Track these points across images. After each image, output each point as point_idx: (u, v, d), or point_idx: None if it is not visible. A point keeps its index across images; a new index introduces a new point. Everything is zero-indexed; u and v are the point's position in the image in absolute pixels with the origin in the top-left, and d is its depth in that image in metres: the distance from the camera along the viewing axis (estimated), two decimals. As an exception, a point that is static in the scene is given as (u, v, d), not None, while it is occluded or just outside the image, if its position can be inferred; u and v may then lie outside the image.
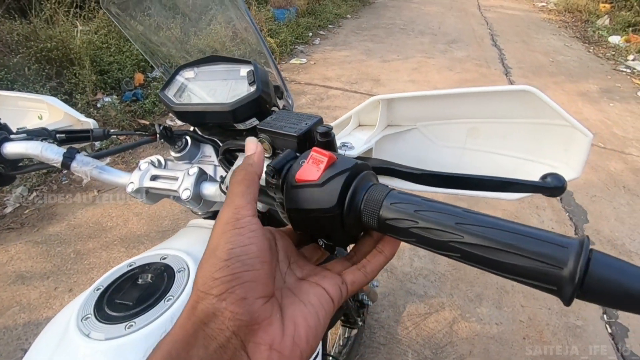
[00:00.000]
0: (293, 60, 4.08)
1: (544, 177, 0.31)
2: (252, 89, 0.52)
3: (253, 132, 0.57)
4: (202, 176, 0.48)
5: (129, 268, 0.46)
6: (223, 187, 0.43)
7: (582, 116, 3.50)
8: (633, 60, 5.11)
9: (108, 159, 0.56)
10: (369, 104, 0.46)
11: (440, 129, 0.43)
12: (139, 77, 3.24)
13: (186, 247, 0.49)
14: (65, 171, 0.50)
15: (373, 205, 0.26)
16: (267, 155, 0.36)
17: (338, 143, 0.46)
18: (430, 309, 1.63)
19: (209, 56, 0.58)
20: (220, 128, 0.58)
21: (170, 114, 2.71)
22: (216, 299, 0.22)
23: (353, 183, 0.27)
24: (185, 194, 0.45)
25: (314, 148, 0.28)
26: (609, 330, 1.61)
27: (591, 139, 0.35)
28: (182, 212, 2.04)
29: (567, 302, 0.20)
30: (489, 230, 0.22)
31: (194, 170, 0.47)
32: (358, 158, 0.34)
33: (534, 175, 0.33)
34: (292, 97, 0.58)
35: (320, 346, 0.53)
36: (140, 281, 0.44)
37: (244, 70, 0.54)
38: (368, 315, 1.52)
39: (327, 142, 0.31)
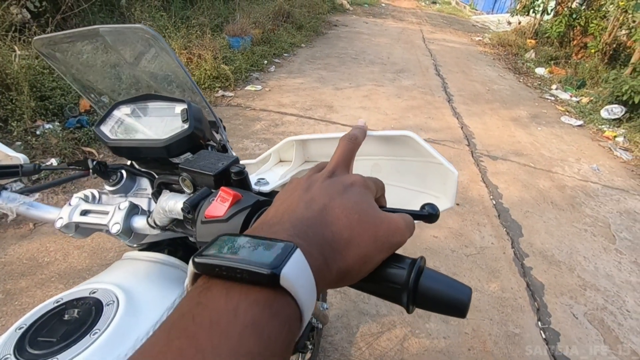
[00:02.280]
0: (248, 87, 4.14)
1: (423, 206, 0.37)
2: (186, 125, 0.55)
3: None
4: (133, 210, 0.49)
5: (56, 304, 0.46)
6: (150, 221, 0.45)
7: (515, 139, 3.87)
8: (556, 89, 5.78)
9: (37, 195, 0.54)
10: (285, 143, 0.51)
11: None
12: (85, 104, 3.12)
13: (117, 280, 0.50)
14: None
15: None
16: (189, 190, 0.39)
17: (255, 179, 0.50)
18: (382, 328, 1.67)
19: (145, 94, 0.61)
20: (156, 162, 0.61)
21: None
22: None
23: (254, 218, 0.31)
24: (114, 228, 0.47)
25: (222, 188, 0.32)
26: (543, 336, 1.75)
27: (457, 175, 0.42)
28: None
29: (408, 311, 0.25)
30: None
31: (125, 204, 0.48)
32: (271, 192, 0.39)
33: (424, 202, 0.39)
34: (225, 132, 0.62)
35: None
36: (66, 317, 0.44)
37: (179, 108, 0.58)
38: (322, 338, 1.54)
39: (240, 180, 0.36)
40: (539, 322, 1.82)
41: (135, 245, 0.58)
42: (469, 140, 3.68)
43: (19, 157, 0.60)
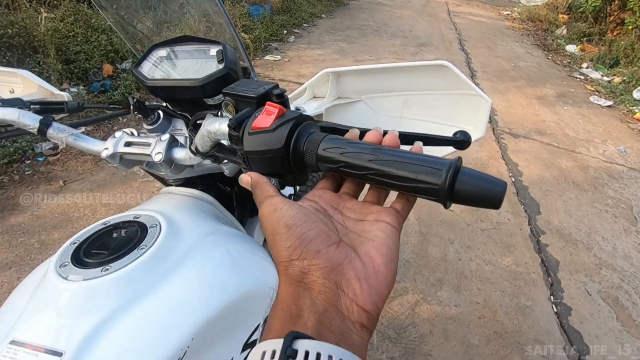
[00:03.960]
0: (267, 57, 4.10)
1: (455, 133, 0.38)
2: (221, 66, 0.57)
3: (221, 107, 0.62)
4: (173, 142, 0.52)
5: (104, 226, 0.50)
6: (192, 147, 0.47)
7: (539, 117, 3.75)
8: (587, 68, 5.51)
9: (83, 128, 0.57)
10: (321, 76, 0.52)
11: (381, 101, 0.50)
12: (108, 68, 3.17)
13: (158, 208, 0.53)
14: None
15: (312, 146, 0.32)
16: (231, 115, 0.41)
17: (292, 108, 0.52)
18: (394, 293, 1.72)
19: (181, 36, 0.62)
20: (190, 104, 0.63)
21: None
22: (298, 261, 0.27)
23: (297, 129, 0.33)
24: (157, 157, 0.50)
25: (268, 102, 0.34)
26: (555, 310, 1.77)
27: (490, 103, 0.42)
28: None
29: (445, 206, 0.27)
30: (391, 162, 0.29)
31: (165, 136, 0.51)
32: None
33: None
34: (257, 77, 0.63)
35: None
36: (114, 235, 0.48)
37: (214, 49, 0.59)
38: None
39: (281, 102, 0.37)
40: (552, 297, 1.83)
41: (171, 181, 0.61)
42: (491, 118, 3.59)
43: (63, 95, 0.63)
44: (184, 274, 0.46)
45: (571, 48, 6.36)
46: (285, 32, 4.86)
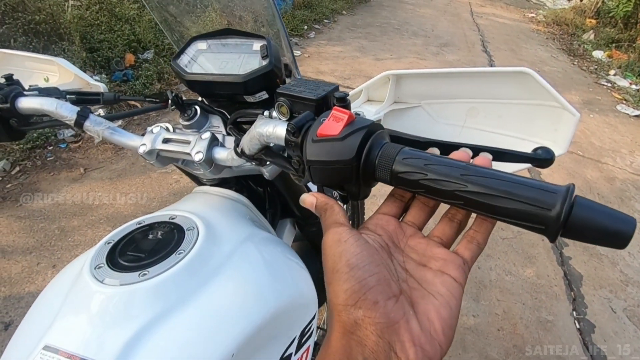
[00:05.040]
0: (287, 52, 4.07)
1: (535, 149, 0.34)
2: (265, 62, 0.54)
3: (262, 104, 0.59)
4: (214, 141, 0.50)
5: (138, 225, 0.48)
6: (238, 149, 0.45)
7: (563, 125, 3.64)
8: (614, 75, 5.33)
9: (120, 122, 0.55)
10: (379, 79, 0.49)
11: (442, 108, 0.47)
12: (130, 58, 3.18)
13: (194, 209, 0.51)
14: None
15: (387, 160, 0.29)
16: (284, 118, 0.38)
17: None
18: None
19: (223, 29, 0.59)
20: (228, 100, 0.60)
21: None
22: (353, 308, 0.25)
23: (369, 139, 0.29)
24: (197, 157, 0.47)
25: (335, 107, 0.31)
26: (577, 326, 1.71)
27: (578, 118, 0.39)
28: (170, 194, 2.03)
29: (553, 239, 0.24)
30: (489, 180, 0.25)
31: (206, 135, 0.49)
32: None
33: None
34: (300, 75, 0.60)
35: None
36: (150, 236, 0.46)
37: (257, 44, 0.56)
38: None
39: (343, 106, 0.34)
40: (574, 312, 1.77)
41: (205, 181, 0.59)
42: (514, 123, 3.49)
43: (99, 86, 0.62)
44: (223, 282, 0.43)
45: (598, 54, 6.15)
46: (305, 27, 4.82)
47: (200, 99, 0.67)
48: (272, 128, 0.37)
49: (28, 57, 0.64)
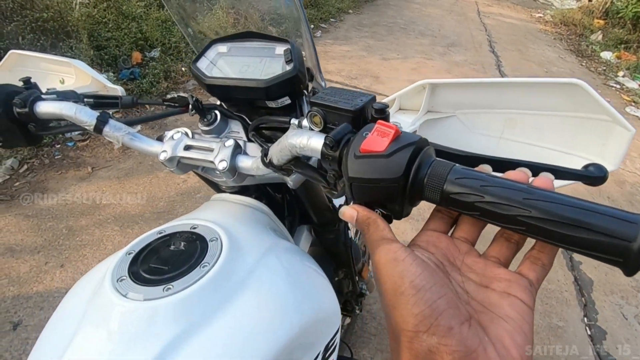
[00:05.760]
0: (294, 51, 4.05)
1: (586, 166, 0.32)
2: (288, 67, 0.52)
3: (284, 110, 0.57)
4: (237, 149, 0.48)
5: (159, 235, 0.47)
6: (266, 159, 0.43)
7: (572, 127, 3.60)
8: (623, 76, 5.27)
9: (139, 127, 0.54)
10: (414, 88, 0.47)
11: (478, 118, 0.45)
12: (137, 56, 3.17)
13: (215, 219, 0.50)
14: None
15: (437, 179, 0.27)
16: (317, 128, 0.37)
17: None
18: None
19: (245, 32, 0.58)
20: (248, 105, 0.59)
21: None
22: (426, 335, 0.23)
23: (418, 157, 0.28)
24: (221, 165, 0.46)
25: (379, 121, 0.29)
26: (589, 332, 1.68)
27: (633, 133, 0.37)
28: (177, 194, 2.02)
29: (632, 273, 0.22)
30: (557, 206, 0.23)
31: (230, 142, 0.47)
32: None
33: (569, 166, 0.35)
34: (325, 81, 0.59)
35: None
36: (172, 247, 0.44)
37: (280, 48, 0.55)
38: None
39: (382, 118, 0.32)
40: (585, 318, 1.75)
41: (225, 188, 0.58)
42: (522, 124, 3.46)
43: (117, 89, 0.60)
44: (247, 297, 0.42)
45: (607, 55, 6.09)
46: (312, 26, 4.79)
47: (218, 102, 0.65)
48: (306, 140, 0.35)
49: (43, 58, 0.63)
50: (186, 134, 0.56)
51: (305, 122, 0.39)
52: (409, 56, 4.56)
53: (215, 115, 0.57)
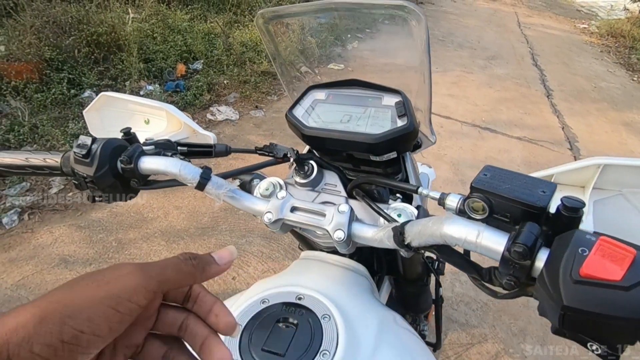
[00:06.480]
0: (331, 65, 4.04)
1: None
2: (401, 122, 0.48)
3: (388, 164, 0.53)
4: (352, 214, 0.44)
5: (264, 306, 0.43)
6: (399, 239, 0.38)
7: (627, 147, 3.37)
8: (680, 93, 4.91)
9: (237, 182, 0.51)
10: (582, 166, 0.41)
11: None
12: (181, 68, 3.26)
13: (320, 287, 0.46)
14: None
15: None
16: (479, 217, 0.32)
17: None
18: (473, 340, 1.57)
19: (348, 79, 0.54)
20: (347, 156, 0.55)
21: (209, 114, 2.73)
22: None
23: None
24: (338, 235, 0.41)
25: (603, 237, 0.24)
26: None
27: None
28: (221, 210, 2.02)
29: None
30: None
31: (344, 207, 0.43)
32: None
33: None
34: (435, 136, 0.54)
35: None
36: (281, 325, 0.41)
37: (389, 99, 0.51)
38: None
39: (572, 219, 0.27)
40: None
41: (322, 245, 0.54)
42: (572, 144, 3.27)
43: (209, 136, 0.58)
44: None
45: (661, 69, 5.70)
46: (349, 36, 4.78)
47: (306, 147, 0.62)
48: (473, 235, 0.30)
49: (132, 101, 0.62)
50: (280, 186, 0.53)
51: (450, 202, 0.34)
52: (448, 69, 4.44)
53: (312, 166, 0.53)
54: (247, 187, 0.55)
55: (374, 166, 0.54)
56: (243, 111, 3.02)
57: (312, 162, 0.53)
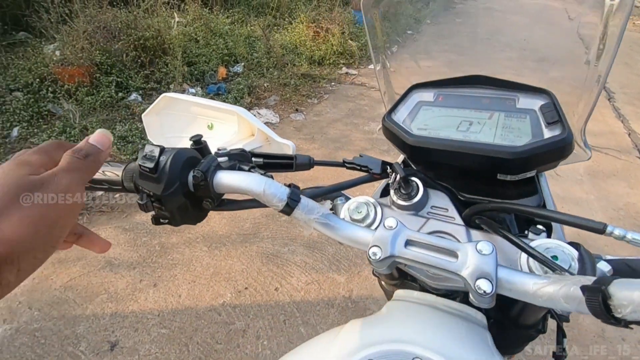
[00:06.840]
0: (372, 66, 3.93)
1: None
2: (551, 130, 0.36)
3: (518, 184, 0.41)
4: (496, 256, 0.32)
5: None
6: (605, 309, 0.26)
7: None
8: None
9: (327, 204, 0.40)
10: None
11: None
12: (222, 71, 3.26)
13: (434, 344, 0.35)
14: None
15: None
16: None
17: None
18: None
19: (470, 76, 0.43)
20: (460, 173, 0.44)
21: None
22: None
23: None
24: (482, 286, 0.30)
25: None
26: None
27: None
28: (262, 216, 1.96)
29: None
30: None
31: (486, 247, 0.31)
32: None
33: None
34: (589, 147, 0.42)
35: None
36: None
37: (530, 101, 0.39)
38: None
39: None
40: None
41: (432, 286, 0.42)
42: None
43: (288, 145, 0.49)
44: None
45: None
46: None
47: (400, 158, 0.51)
48: None
49: (196, 102, 0.54)
50: (374, 208, 0.43)
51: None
52: (496, 72, 4.15)
53: (417, 185, 0.43)
54: (332, 209, 0.45)
55: (498, 186, 0.42)
56: (283, 114, 2.96)
57: (416, 180, 0.43)
